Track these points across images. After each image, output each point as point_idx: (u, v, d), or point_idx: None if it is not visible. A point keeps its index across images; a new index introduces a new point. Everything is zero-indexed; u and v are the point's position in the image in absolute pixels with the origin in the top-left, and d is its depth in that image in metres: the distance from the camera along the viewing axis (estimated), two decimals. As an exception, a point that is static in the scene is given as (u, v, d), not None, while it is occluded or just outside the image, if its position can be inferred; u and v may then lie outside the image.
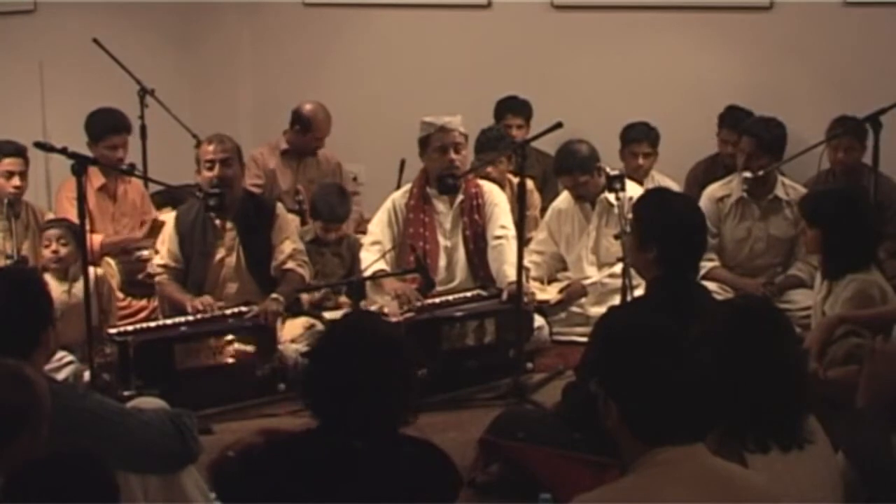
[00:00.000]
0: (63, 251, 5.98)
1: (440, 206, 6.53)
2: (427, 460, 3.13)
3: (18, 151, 6.34)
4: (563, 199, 6.97)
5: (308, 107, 7.65)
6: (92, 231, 6.21)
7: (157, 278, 6.31)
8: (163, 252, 6.30)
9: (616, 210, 6.11)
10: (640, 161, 7.34)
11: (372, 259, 6.37)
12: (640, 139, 7.40)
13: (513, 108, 7.91)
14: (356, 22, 8.89)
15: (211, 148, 6.15)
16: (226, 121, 8.32)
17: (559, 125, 5.73)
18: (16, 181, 6.32)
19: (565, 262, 6.96)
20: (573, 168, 6.74)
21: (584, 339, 5.66)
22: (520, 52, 8.32)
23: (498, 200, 6.57)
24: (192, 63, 8.98)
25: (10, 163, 6.32)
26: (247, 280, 6.26)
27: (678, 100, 7.89)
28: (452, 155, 6.34)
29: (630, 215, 4.92)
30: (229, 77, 9.19)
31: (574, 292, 6.76)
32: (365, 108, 8.61)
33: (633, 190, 6.30)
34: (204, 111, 8.22)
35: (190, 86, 8.67)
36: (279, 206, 6.54)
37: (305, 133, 7.65)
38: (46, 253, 6.02)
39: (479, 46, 8.44)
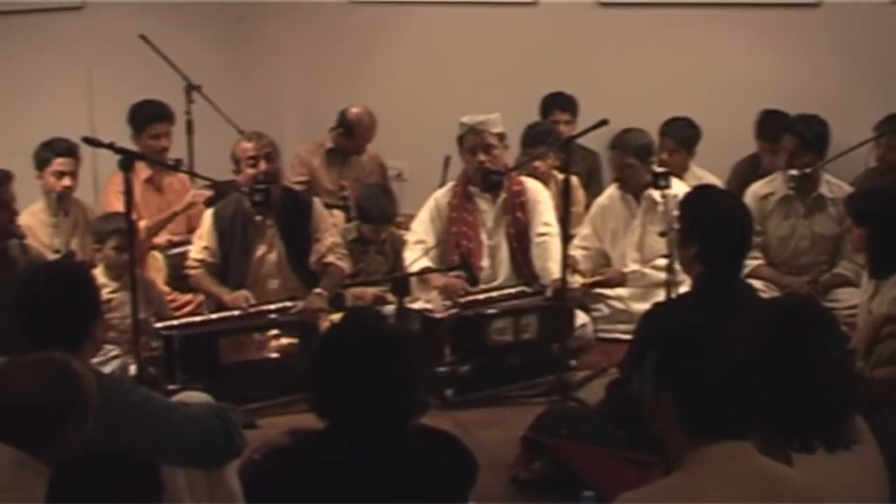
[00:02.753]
0: (121, 259, 5.89)
1: (483, 204, 6.51)
2: (441, 452, 3.09)
3: (70, 151, 6.36)
4: (608, 195, 6.93)
5: (354, 111, 7.66)
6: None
7: (191, 272, 6.32)
8: (199, 247, 6.32)
9: (661, 207, 6.09)
10: (664, 156, 7.24)
11: (415, 258, 6.36)
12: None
13: (559, 103, 7.87)
14: (401, 19, 8.91)
15: (251, 145, 6.16)
16: (271, 117, 8.36)
17: (605, 122, 5.71)
18: (66, 181, 6.35)
19: (609, 258, 6.92)
20: (627, 146, 6.67)
21: (628, 337, 5.63)
22: (565, 48, 8.28)
23: (541, 198, 6.55)
24: (237, 60, 8.99)
25: (61, 163, 6.35)
26: (288, 275, 6.28)
27: (722, 97, 7.82)
28: (482, 156, 6.35)
29: (676, 212, 4.89)
30: (274, 74, 9.20)
31: (613, 278, 6.72)
32: (409, 104, 8.61)
33: (680, 187, 6.26)
34: (249, 108, 8.23)
35: (235, 82, 8.68)
36: (316, 200, 6.55)
37: (349, 137, 7.67)
38: (109, 254, 6.00)
39: (524, 43, 8.42)
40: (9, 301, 3.75)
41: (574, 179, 6.68)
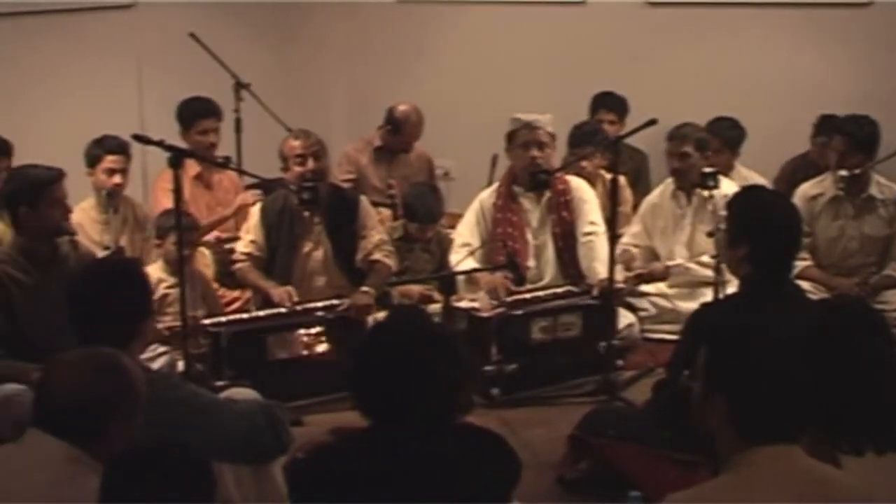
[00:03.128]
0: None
1: (527, 203, 6.49)
2: (485, 451, 3.07)
3: (122, 148, 6.39)
4: (659, 192, 6.91)
5: (402, 108, 7.68)
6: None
7: (237, 265, 6.34)
8: (246, 241, 6.34)
9: (710, 206, 6.06)
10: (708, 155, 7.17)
11: (460, 259, 6.34)
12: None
13: (607, 103, 7.87)
14: (449, 17, 8.92)
15: (298, 143, 6.18)
16: (319, 116, 8.39)
17: (653, 122, 5.69)
18: (117, 178, 6.38)
19: (658, 256, 6.89)
20: (686, 135, 6.65)
21: (674, 337, 5.62)
22: (614, 48, 8.27)
23: (587, 196, 6.53)
24: (286, 58, 9.03)
25: (112, 160, 6.38)
26: (335, 273, 6.29)
27: (769, 96, 7.79)
28: (535, 152, 6.33)
29: (724, 213, 4.86)
30: (322, 72, 9.23)
31: (655, 271, 6.69)
32: (457, 102, 8.61)
33: (729, 187, 6.23)
34: (298, 106, 8.26)
35: (284, 80, 8.72)
36: (363, 198, 6.55)
37: (396, 134, 7.69)
38: (170, 249, 5.93)
39: (572, 42, 8.41)
40: (60, 298, 3.79)
41: (621, 179, 6.65)
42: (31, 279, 5.13)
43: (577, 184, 6.57)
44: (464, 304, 5.98)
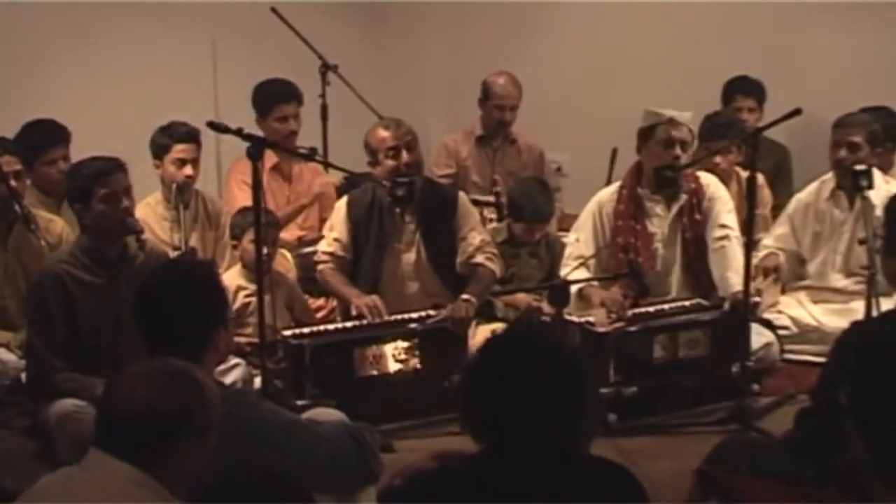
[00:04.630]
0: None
1: (655, 207, 6.40)
2: (608, 486, 3.05)
3: (191, 136, 6.48)
4: (814, 191, 6.81)
5: (492, 75, 7.75)
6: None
7: (319, 267, 6.38)
8: (329, 239, 6.37)
9: (861, 210, 6.00)
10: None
11: (569, 272, 6.24)
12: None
13: (743, 88, 7.80)
14: (564, -3, 8.90)
15: (389, 134, 6.20)
16: (414, 103, 8.42)
17: (797, 112, 5.61)
18: (188, 170, 6.47)
19: (805, 264, 6.83)
20: (858, 124, 6.57)
21: (820, 359, 5.55)
22: (749, 30, 8.18)
23: (718, 194, 6.42)
24: (378, 37, 9.08)
25: (182, 149, 6.47)
26: (429, 278, 6.32)
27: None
28: (678, 151, 6.23)
29: (881, 216, 4.80)
30: (419, 53, 9.26)
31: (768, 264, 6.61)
32: (571, 88, 8.60)
33: (891, 186, 6.14)
34: (390, 91, 8.31)
35: (375, 63, 8.77)
36: (461, 194, 6.55)
37: (485, 102, 7.72)
38: (248, 248, 6.06)
39: (700, 26, 8.35)
40: (128, 303, 3.84)
41: (760, 177, 6.58)
42: (96, 281, 5.23)
43: (708, 179, 6.48)
44: (578, 318, 5.95)
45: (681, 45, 8.38)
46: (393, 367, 5.80)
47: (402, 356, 5.82)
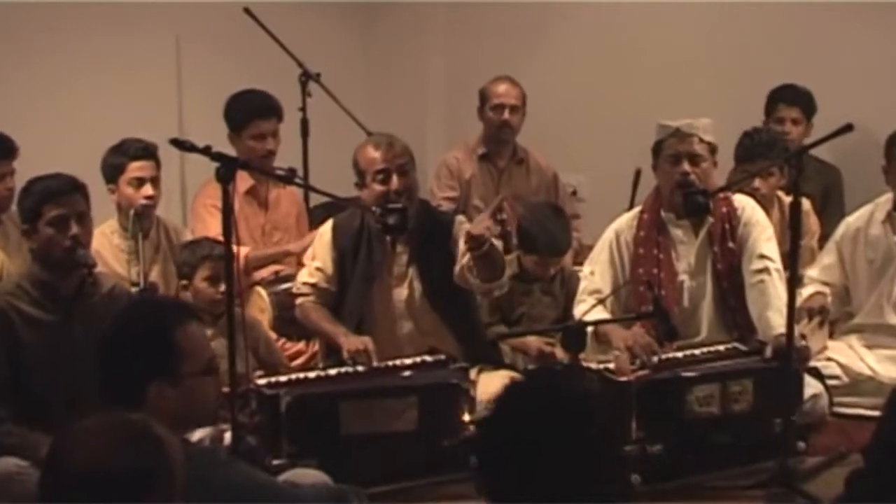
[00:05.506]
0: (217, 293, 5.99)
1: (680, 234, 6.39)
2: None
3: (148, 152, 6.49)
4: (866, 215, 6.83)
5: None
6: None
7: (299, 300, 6.38)
8: (311, 268, 6.37)
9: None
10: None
11: (586, 310, 6.23)
12: None
13: (788, 97, 7.82)
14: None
15: (378, 154, 6.18)
16: (410, 115, 8.45)
17: (849, 127, 5.62)
18: (147, 189, 6.47)
19: (852, 301, 6.83)
20: None
21: (876, 413, 5.53)
22: (795, 34, 8.22)
23: (756, 218, 6.39)
24: (367, 43, 9.09)
25: (138, 167, 6.47)
26: (424, 316, 6.32)
27: None
28: (686, 167, 6.23)
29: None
30: (415, 61, 9.29)
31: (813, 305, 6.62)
32: (587, 101, 8.64)
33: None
34: (382, 103, 8.32)
35: (366, 70, 8.78)
36: (459, 218, 6.53)
37: (483, 109, 7.79)
38: (201, 287, 6.08)
39: (742, 28, 8.39)
40: (83, 343, 3.84)
41: (805, 203, 6.58)
42: (47, 318, 5.20)
43: (744, 203, 6.44)
44: (595, 365, 5.94)
45: (718, 50, 8.44)
46: (384, 422, 5.75)
47: (396, 410, 5.79)
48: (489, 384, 6.09)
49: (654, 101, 7.47)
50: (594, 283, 6.45)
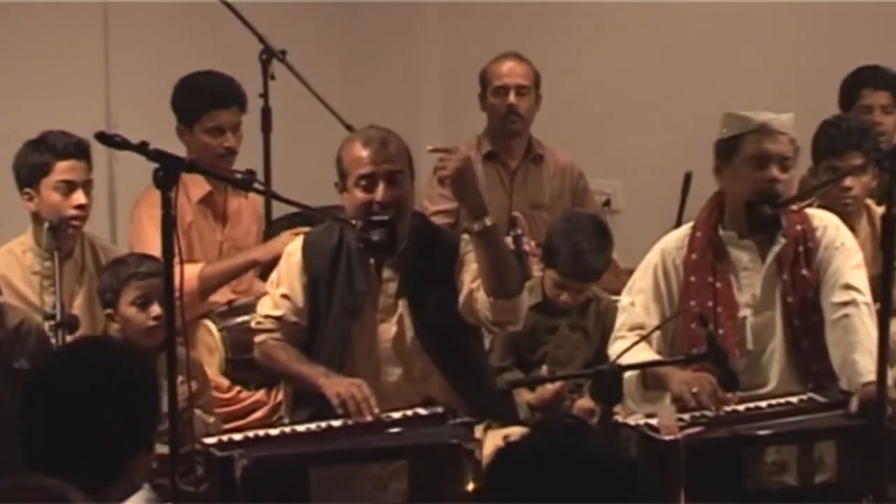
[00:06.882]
0: (147, 320, 6.00)
1: (743, 257, 6.34)
2: None
3: (80, 150, 6.45)
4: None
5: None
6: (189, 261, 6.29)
7: (259, 338, 6.31)
8: (276, 298, 6.30)
9: None
10: None
11: (625, 348, 6.09)
12: None
13: (875, 80, 7.83)
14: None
15: (367, 154, 6.09)
16: (398, 104, 8.40)
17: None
18: (79, 197, 6.42)
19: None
20: None
21: None
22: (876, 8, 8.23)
23: (840, 240, 6.34)
24: (343, 18, 9.09)
25: (68, 168, 6.42)
26: (416, 359, 6.26)
27: None
28: (775, 172, 6.14)
29: None
30: (405, 41, 9.31)
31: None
32: (620, 94, 8.72)
33: None
34: (363, 89, 8.30)
35: (342, 50, 8.77)
36: (466, 237, 6.36)
37: (485, 93, 7.90)
38: (128, 313, 6.05)
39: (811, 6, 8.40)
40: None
41: (902, 215, 6.55)
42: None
43: (821, 219, 6.39)
44: (635, 418, 5.90)
45: (779, 32, 8.48)
46: (367, 495, 5.69)
47: (381, 477, 5.73)
48: (495, 442, 6.00)
49: (697, 99, 7.44)
50: (635, 317, 6.37)
